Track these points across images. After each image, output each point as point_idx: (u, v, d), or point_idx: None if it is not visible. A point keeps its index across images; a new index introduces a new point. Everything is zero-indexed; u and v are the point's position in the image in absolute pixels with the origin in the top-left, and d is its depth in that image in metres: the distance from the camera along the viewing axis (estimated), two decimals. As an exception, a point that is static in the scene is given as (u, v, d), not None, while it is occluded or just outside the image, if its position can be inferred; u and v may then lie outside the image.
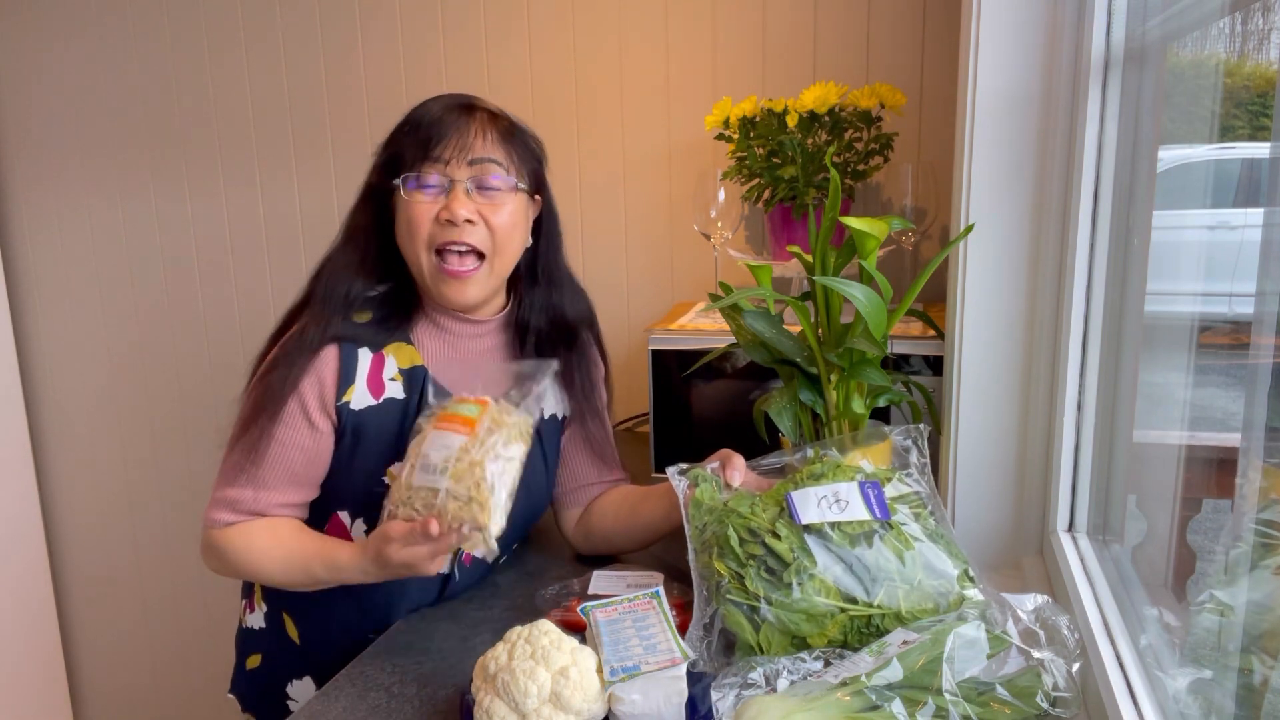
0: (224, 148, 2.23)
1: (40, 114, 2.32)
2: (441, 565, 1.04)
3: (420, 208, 1.13)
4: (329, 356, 1.14)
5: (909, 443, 1.13)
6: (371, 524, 1.20)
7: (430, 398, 1.11)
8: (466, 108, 1.16)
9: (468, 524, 0.97)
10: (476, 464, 0.98)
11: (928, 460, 1.12)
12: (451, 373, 1.24)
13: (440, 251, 1.14)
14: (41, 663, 2.53)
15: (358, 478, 1.17)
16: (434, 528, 0.97)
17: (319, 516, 1.21)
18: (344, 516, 1.20)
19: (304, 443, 1.15)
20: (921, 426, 1.14)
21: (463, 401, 1.04)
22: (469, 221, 1.12)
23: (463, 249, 1.14)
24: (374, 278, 1.19)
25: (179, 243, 2.31)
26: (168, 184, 2.28)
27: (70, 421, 2.50)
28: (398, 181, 1.14)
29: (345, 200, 2.13)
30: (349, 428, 1.16)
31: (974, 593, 0.97)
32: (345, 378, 1.15)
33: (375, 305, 1.19)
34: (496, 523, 0.98)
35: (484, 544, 0.99)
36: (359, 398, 1.16)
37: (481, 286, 1.18)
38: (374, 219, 1.19)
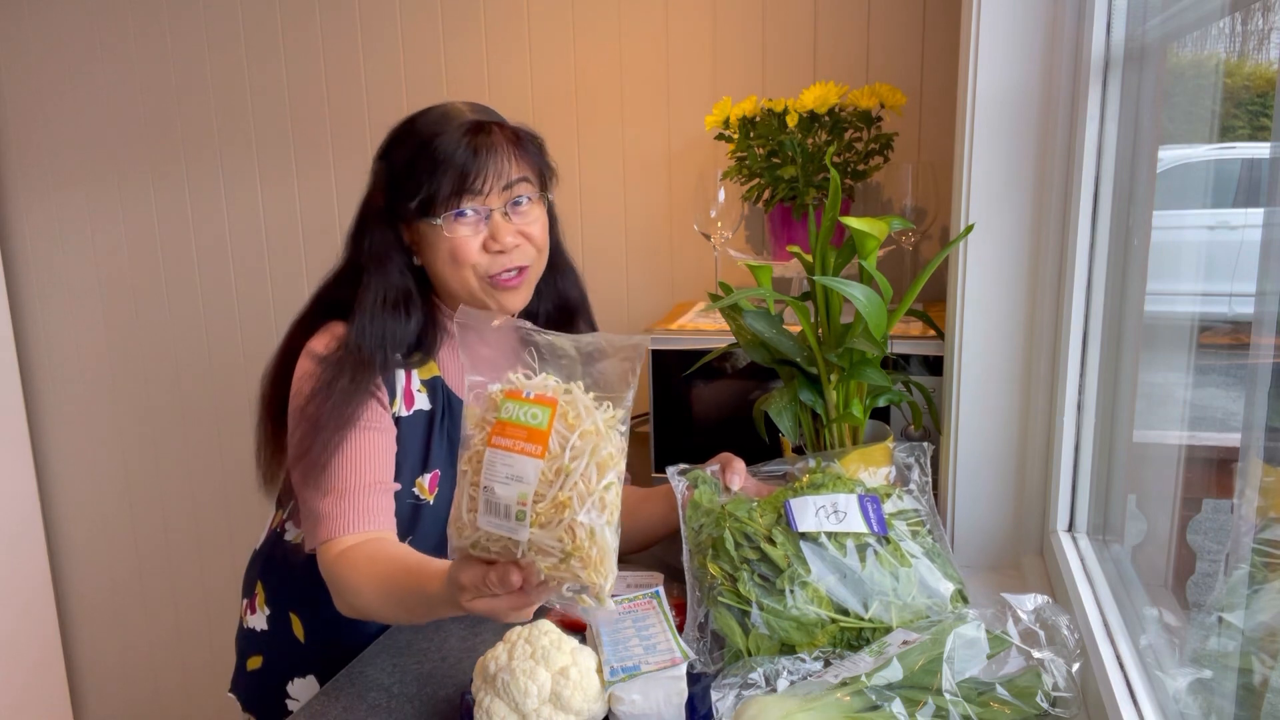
0: (224, 148, 2.23)
1: (42, 115, 2.32)
2: (530, 613, 0.84)
3: (465, 241, 1.14)
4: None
5: (911, 460, 1.14)
6: (402, 536, 1.18)
7: (467, 368, 0.83)
8: (483, 129, 1.14)
9: (569, 584, 0.76)
10: (563, 504, 0.73)
11: (929, 479, 1.12)
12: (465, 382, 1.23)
13: (489, 273, 1.16)
14: (41, 661, 2.52)
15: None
16: (515, 579, 0.76)
17: None
18: None
19: (375, 423, 1.14)
20: (925, 445, 1.14)
21: (519, 400, 0.75)
22: (516, 245, 1.15)
23: (512, 272, 1.16)
24: (414, 306, 1.18)
25: (179, 243, 2.31)
26: (168, 184, 2.28)
27: (70, 421, 2.50)
28: (439, 221, 1.13)
29: (345, 200, 2.14)
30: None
31: (966, 612, 0.97)
32: (390, 392, 1.17)
33: (411, 334, 1.19)
34: (608, 577, 0.75)
35: (596, 602, 0.77)
36: (400, 408, 1.18)
37: (529, 290, 1.21)
38: (391, 246, 1.18)
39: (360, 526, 1.09)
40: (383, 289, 1.16)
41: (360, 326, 1.15)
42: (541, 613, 1.13)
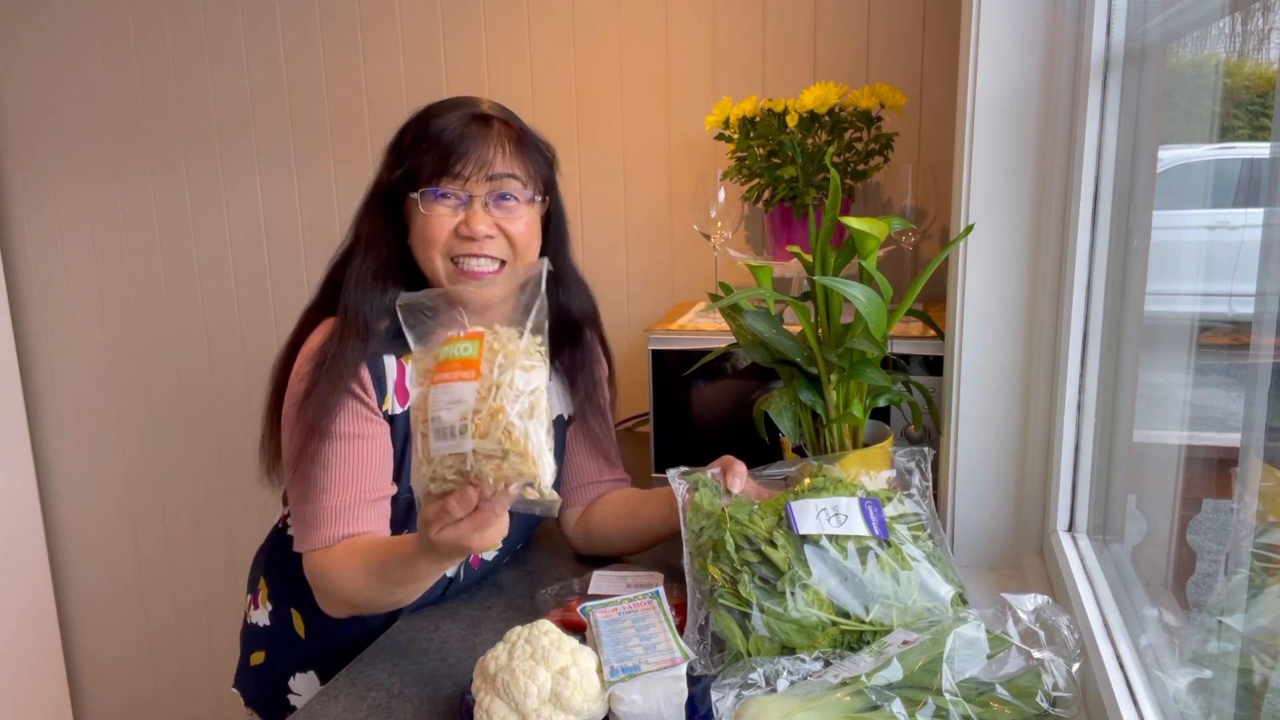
0: (224, 148, 2.23)
1: (41, 115, 2.32)
2: (497, 538, 0.91)
3: (439, 220, 1.14)
4: (363, 370, 1.16)
5: (912, 464, 1.14)
6: (397, 529, 1.20)
7: (412, 345, 0.94)
8: (482, 119, 1.15)
9: (514, 481, 0.85)
10: (498, 411, 0.84)
11: (930, 484, 1.12)
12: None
13: (457, 258, 1.16)
14: (42, 659, 2.53)
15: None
16: (472, 495, 0.86)
17: None
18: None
19: (365, 431, 1.15)
20: (926, 450, 1.14)
21: (453, 341, 0.89)
22: (489, 236, 1.14)
23: (483, 261, 1.16)
24: (393, 284, 1.18)
25: (179, 243, 2.31)
26: (168, 184, 2.28)
27: (70, 421, 2.50)
28: (415, 195, 1.14)
29: (345, 200, 2.15)
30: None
31: (967, 612, 0.96)
32: (379, 387, 1.16)
33: (394, 307, 1.19)
34: (546, 468, 0.86)
35: (540, 499, 0.87)
36: (391, 405, 1.18)
37: (502, 287, 1.18)
38: (386, 223, 1.19)
39: (343, 536, 1.12)
40: (369, 261, 1.17)
41: (346, 296, 1.16)
42: (540, 613, 1.13)
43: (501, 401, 0.85)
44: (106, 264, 2.37)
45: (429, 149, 1.13)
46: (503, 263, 1.17)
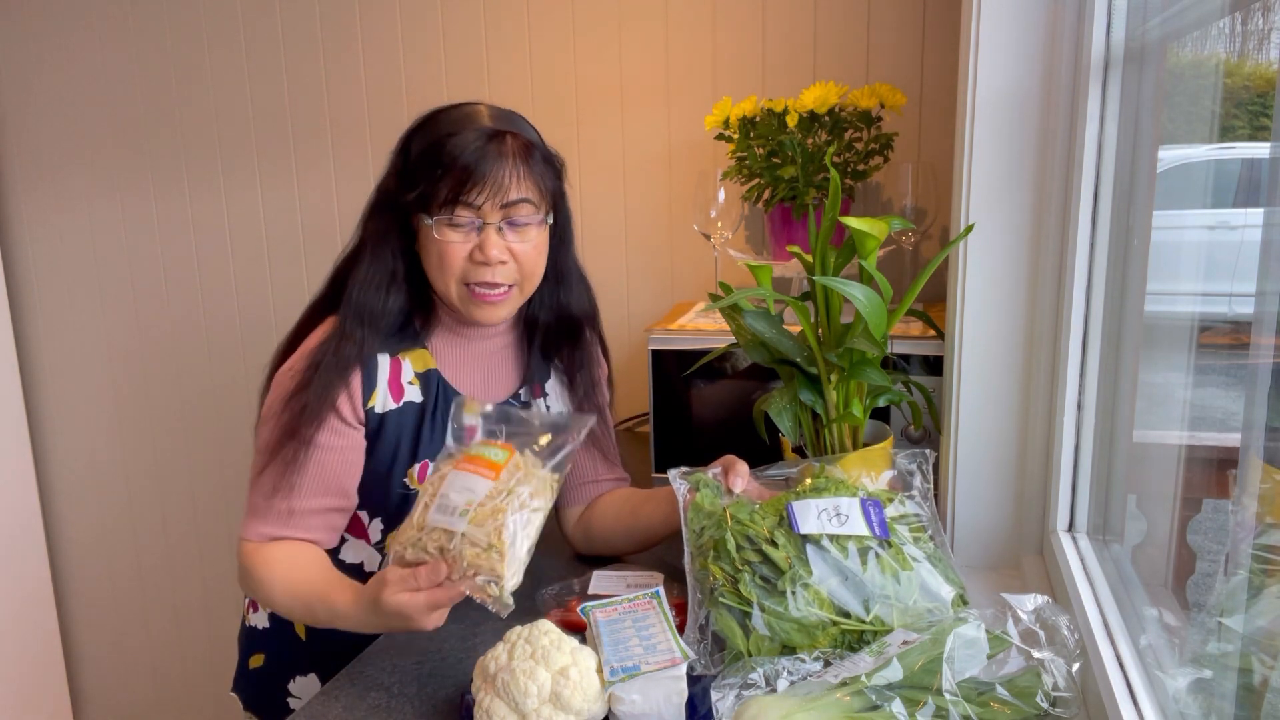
0: (224, 148, 2.23)
1: (41, 114, 2.32)
2: (439, 620, 0.97)
3: (452, 247, 1.14)
4: (355, 373, 1.17)
5: (913, 466, 1.14)
6: (389, 525, 1.21)
7: (449, 438, 1.04)
8: (498, 138, 1.14)
9: (484, 573, 0.92)
10: (499, 510, 0.93)
11: (931, 486, 1.12)
12: (464, 376, 1.25)
13: (470, 284, 1.17)
14: (42, 661, 2.52)
15: (377, 479, 1.20)
16: (443, 570, 0.92)
17: None
18: (363, 515, 1.23)
19: (339, 444, 1.16)
20: (927, 452, 1.14)
21: (488, 445, 1.00)
22: (501, 262, 1.15)
23: (498, 287, 1.17)
24: (396, 290, 1.19)
25: (179, 243, 2.31)
26: (168, 184, 2.28)
27: (70, 421, 2.50)
28: (430, 222, 1.14)
29: (345, 200, 2.15)
30: (373, 430, 1.19)
31: (967, 615, 0.96)
32: (368, 384, 1.17)
33: (395, 313, 1.20)
34: (514, 577, 0.93)
35: (498, 598, 0.93)
36: (381, 401, 1.19)
37: (511, 308, 1.21)
38: (392, 230, 1.19)
39: (287, 539, 1.15)
40: (375, 268, 1.18)
41: (347, 303, 1.17)
42: (540, 613, 1.13)
43: (505, 505, 0.94)
44: (106, 263, 2.37)
45: (443, 175, 1.12)
46: (510, 287, 1.18)
